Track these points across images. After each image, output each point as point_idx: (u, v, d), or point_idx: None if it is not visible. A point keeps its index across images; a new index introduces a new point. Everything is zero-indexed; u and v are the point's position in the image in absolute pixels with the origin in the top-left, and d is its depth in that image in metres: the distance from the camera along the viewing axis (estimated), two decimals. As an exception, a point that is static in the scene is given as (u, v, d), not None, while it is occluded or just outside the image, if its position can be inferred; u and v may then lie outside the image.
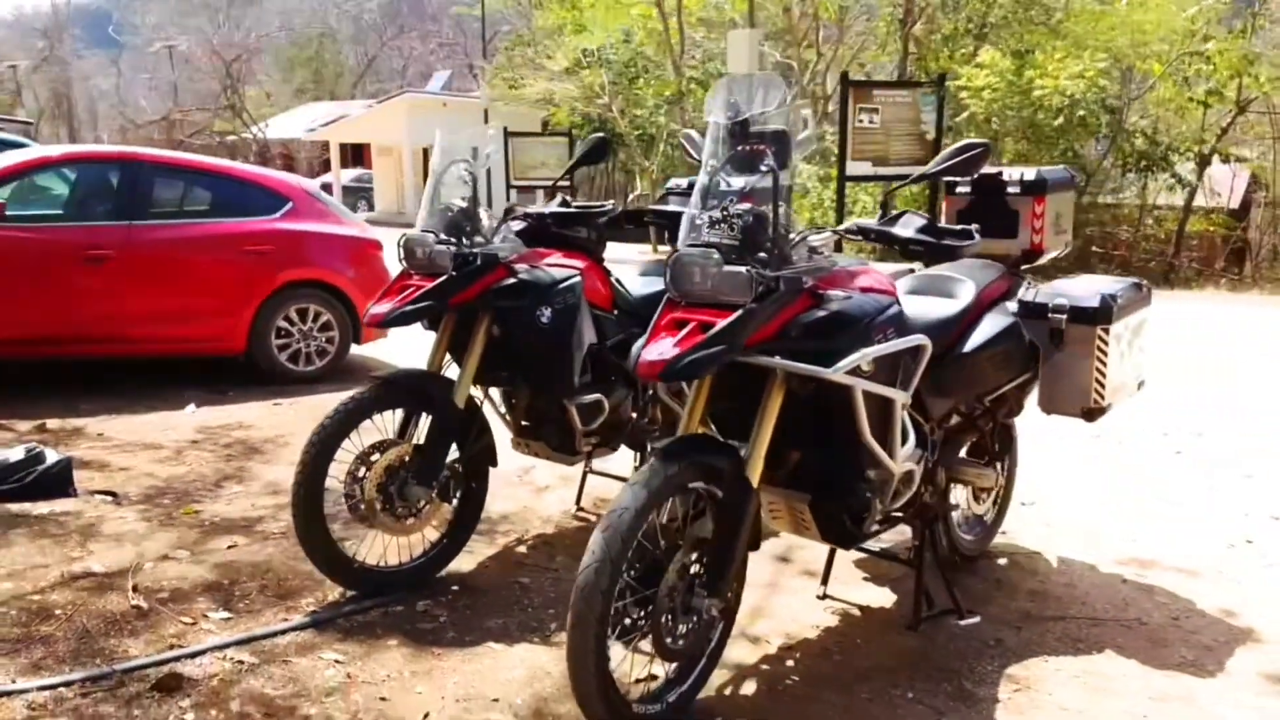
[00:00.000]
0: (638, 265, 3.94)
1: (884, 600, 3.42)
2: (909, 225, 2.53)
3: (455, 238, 3.39)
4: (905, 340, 2.63)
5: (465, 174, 3.45)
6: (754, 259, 2.47)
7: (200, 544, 3.70)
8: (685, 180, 3.80)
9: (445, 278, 3.31)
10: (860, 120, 12.67)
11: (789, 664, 2.97)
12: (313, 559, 3.25)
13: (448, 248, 3.35)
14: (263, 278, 6.47)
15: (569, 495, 4.32)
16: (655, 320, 2.53)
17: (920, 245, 2.51)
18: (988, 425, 3.38)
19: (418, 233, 3.42)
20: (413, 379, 3.43)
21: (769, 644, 3.08)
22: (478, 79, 25.90)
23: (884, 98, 12.64)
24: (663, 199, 3.90)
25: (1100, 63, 13.12)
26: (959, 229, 2.54)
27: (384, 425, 3.37)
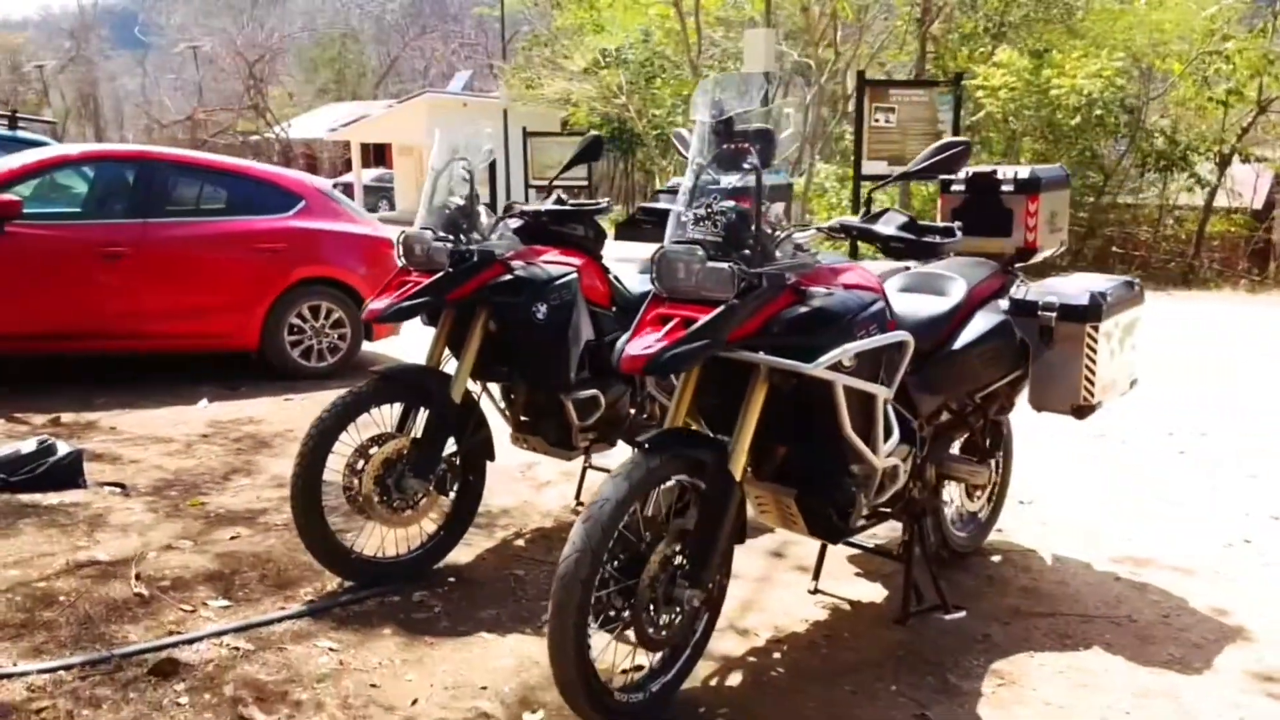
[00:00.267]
0: (638, 263, 3.98)
1: (874, 595, 3.45)
2: (890, 223, 2.56)
3: (453, 235, 3.45)
4: (887, 336, 2.66)
5: (463, 172, 3.50)
6: (737, 255, 2.51)
7: (204, 534, 3.78)
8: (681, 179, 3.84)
9: (442, 274, 3.37)
10: (876, 120, 12.66)
11: (775, 656, 3.00)
12: (311, 550, 3.31)
13: (445, 245, 3.41)
14: (276, 275, 6.56)
15: (570, 490, 4.36)
16: (640, 316, 2.58)
17: (901, 242, 2.54)
18: (978, 422, 3.40)
19: (416, 230, 3.48)
20: (410, 374, 3.49)
21: (757, 637, 3.12)
22: (498, 79, 26.01)
23: (900, 97, 12.62)
24: (654, 197, 3.94)
25: (1117, 62, 13.04)
26: (941, 226, 2.56)
27: (384, 419, 3.43)
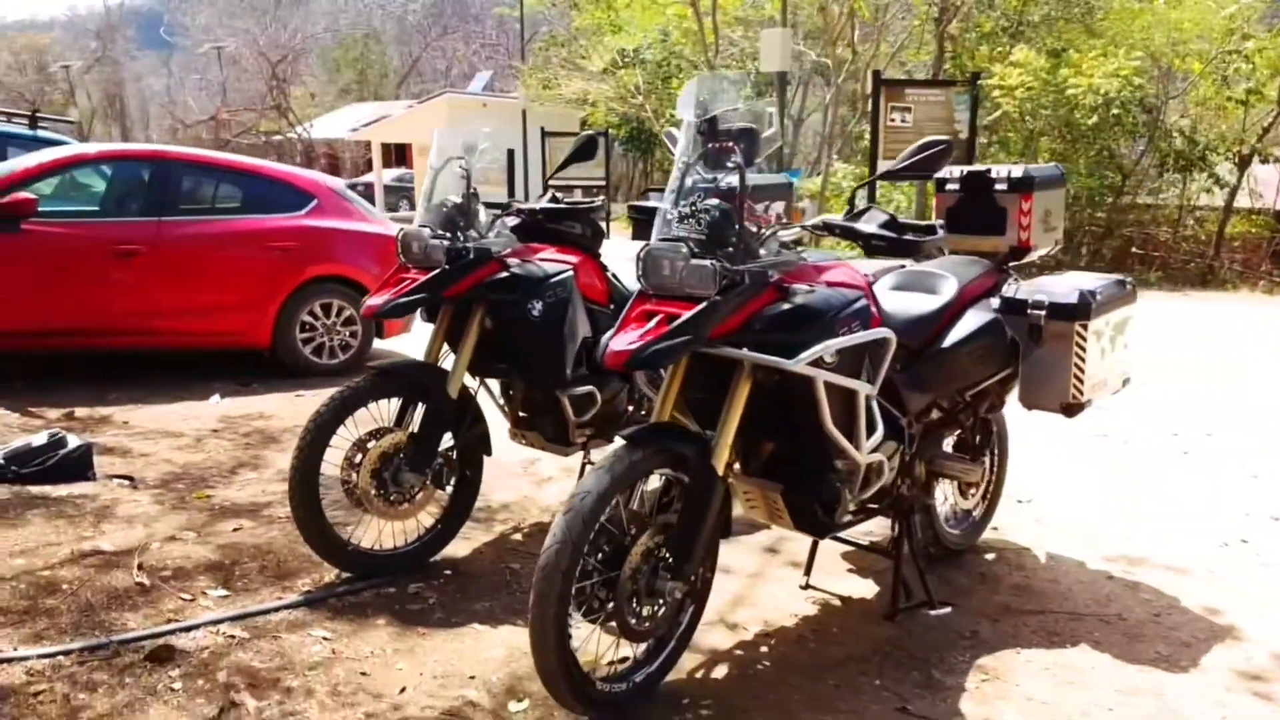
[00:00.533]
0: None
1: (865, 591, 3.47)
2: (872, 221, 2.58)
3: (450, 233, 3.50)
4: (869, 334, 2.68)
5: (461, 171, 3.55)
6: (720, 253, 2.55)
7: (207, 526, 3.85)
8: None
9: (438, 271, 3.42)
10: (893, 119, 12.66)
11: (763, 650, 3.04)
12: (308, 542, 3.37)
13: (442, 242, 3.46)
14: (288, 273, 6.64)
15: (569, 486, 4.38)
16: (625, 312, 2.62)
17: (881, 240, 2.56)
18: (968, 420, 3.42)
19: (414, 228, 3.53)
20: (407, 369, 3.55)
21: (746, 631, 3.15)
22: (517, 79, 26.14)
23: (916, 96, 12.62)
24: (643, 195, 3.98)
25: (1135, 61, 12.94)
26: (923, 225, 2.59)
27: (382, 414, 3.49)
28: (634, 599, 2.54)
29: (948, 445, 3.56)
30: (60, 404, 5.65)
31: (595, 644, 2.63)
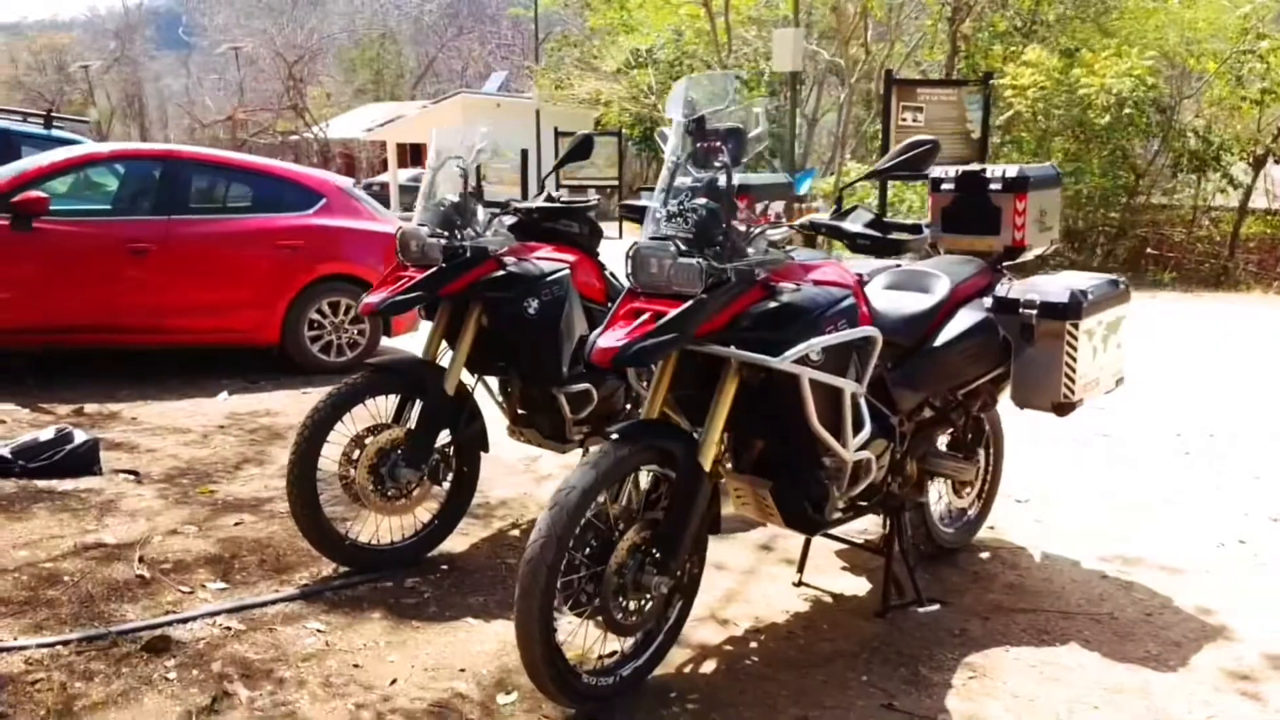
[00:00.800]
0: None
1: (858, 589, 3.49)
2: (857, 220, 2.61)
3: (448, 231, 3.54)
4: (854, 332, 2.70)
5: (458, 170, 3.59)
6: (708, 251, 2.57)
7: (209, 520, 3.90)
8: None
9: (435, 269, 3.46)
10: (904, 119, 12.61)
11: (752, 646, 3.06)
12: (306, 536, 3.42)
13: (439, 241, 3.50)
14: (296, 271, 6.70)
15: (568, 483, 4.43)
16: (614, 309, 2.65)
17: (866, 239, 2.58)
18: (960, 419, 3.43)
19: (412, 226, 3.57)
20: (404, 366, 3.59)
21: (736, 627, 3.17)
22: (530, 79, 26.23)
23: (928, 96, 12.57)
24: (635, 194, 4.02)
25: (1148, 61, 12.88)
26: (908, 224, 2.61)
27: (381, 411, 3.53)
28: (620, 593, 2.56)
29: (942, 444, 3.57)
30: (71, 400, 5.73)
31: (583, 637, 2.66)
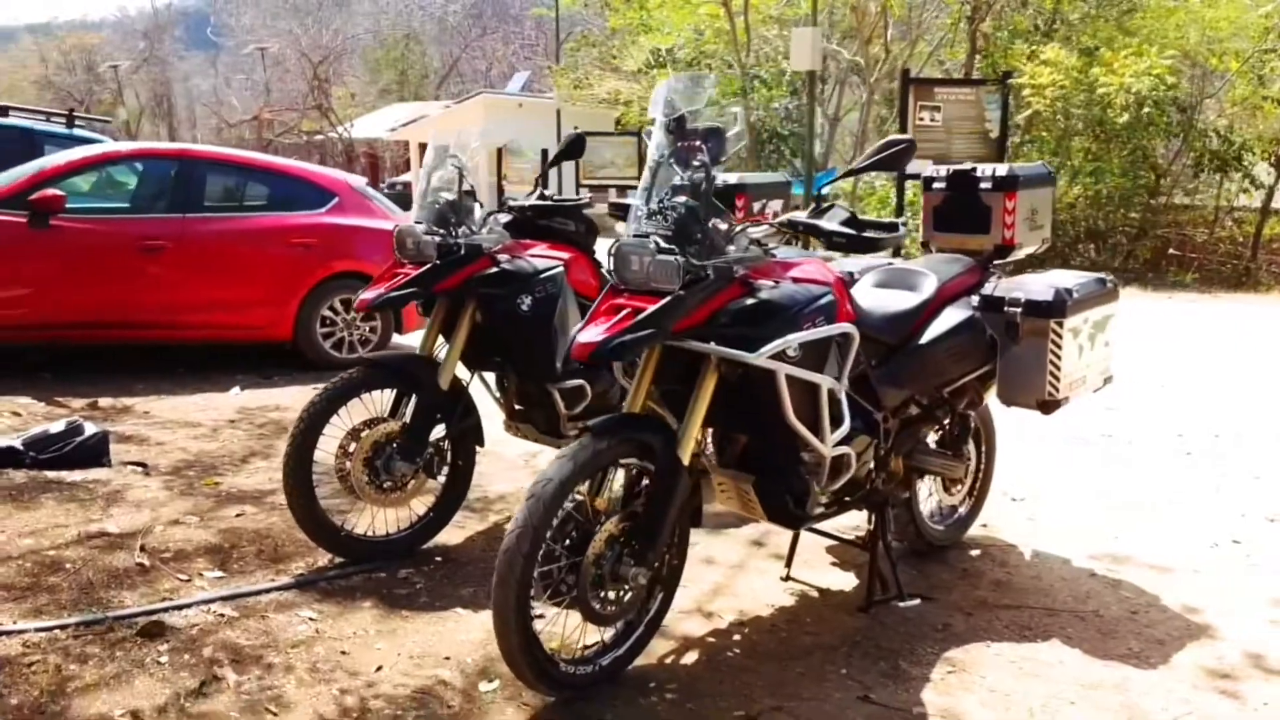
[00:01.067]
0: None
1: (845, 584, 3.52)
2: (834, 218, 2.64)
3: (443, 229, 3.60)
4: (830, 328, 2.73)
5: (454, 169, 3.65)
6: (687, 249, 2.62)
7: (211, 511, 3.99)
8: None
9: (429, 266, 3.53)
10: (922, 118, 12.58)
11: (735, 638, 3.10)
12: (302, 526, 3.49)
13: (434, 238, 3.56)
14: (309, 269, 6.81)
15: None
16: (595, 305, 2.70)
17: (842, 237, 2.62)
18: (946, 416, 3.45)
19: (408, 224, 3.64)
20: (399, 362, 3.67)
21: (721, 619, 3.21)
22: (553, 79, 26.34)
23: (946, 95, 12.54)
24: (624, 193, 4.07)
25: (1167, 60, 12.77)
26: (885, 222, 2.64)
27: (379, 405, 3.60)
28: (598, 584, 2.61)
29: (932, 442, 3.59)
30: (85, 394, 5.85)
31: (563, 627, 2.71)
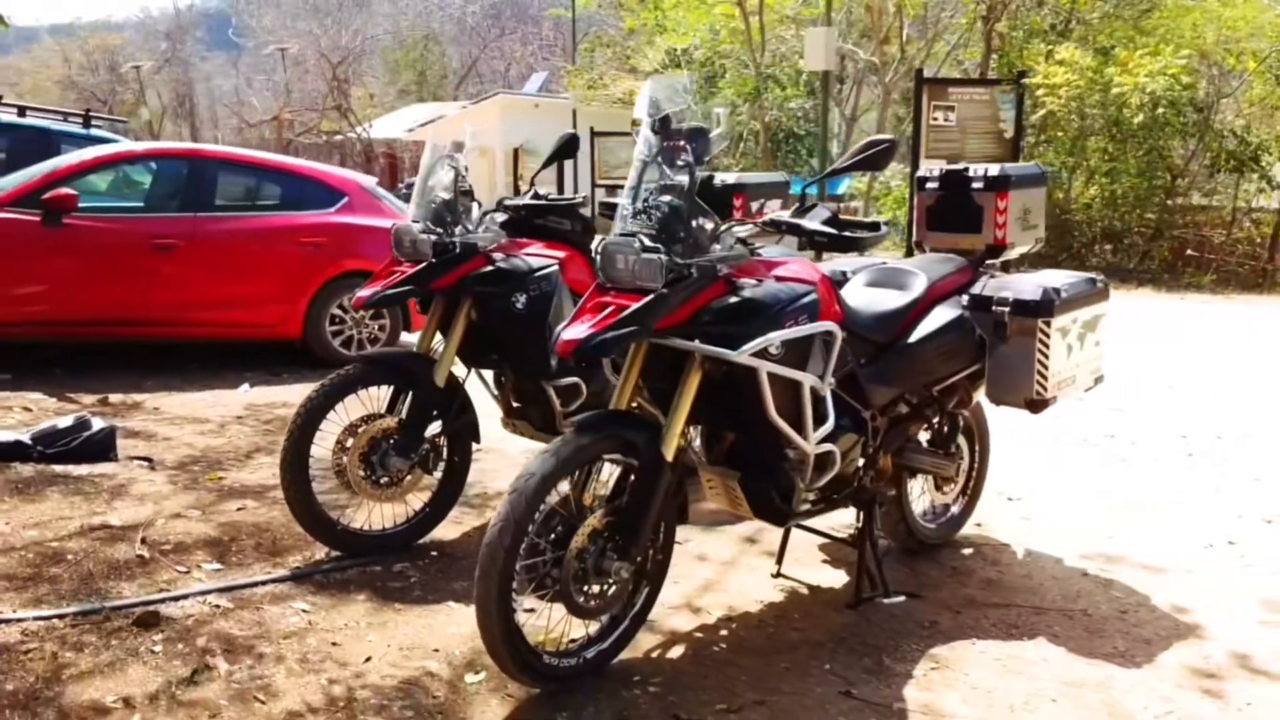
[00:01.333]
0: None
1: (835, 581, 3.54)
2: (816, 218, 2.67)
3: (440, 228, 3.65)
4: (811, 326, 2.76)
5: (450, 168, 3.70)
6: (672, 248, 2.65)
7: (213, 505, 4.06)
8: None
9: (425, 265, 3.58)
10: (935, 118, 12.55)
11: (722, 634, 3.13)
12: (299, 520, 3.55)
13: (430, 237, 3.61)
14: (318, 268, 6.88)
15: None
16: (581, 303, 2.74)
17: (824, 237, 2.65)
18: (935, 415, 3.47)
19: (405, 223, 3.69)
20: (395, 358, 3.72)
21: (709, 615, 3.24)
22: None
23: (960, 95, 12.51)
24: (613, 193, 4.10)
25: (1182, 59, 12.70)
26: (867, 221, 2.67)
27: (378, 401, 3.65)
28: (581, 577, 2.65)
29: (923, 440, 3.61)
30: (96, 390, 5.93)
31: (548, 620, 2.75)
